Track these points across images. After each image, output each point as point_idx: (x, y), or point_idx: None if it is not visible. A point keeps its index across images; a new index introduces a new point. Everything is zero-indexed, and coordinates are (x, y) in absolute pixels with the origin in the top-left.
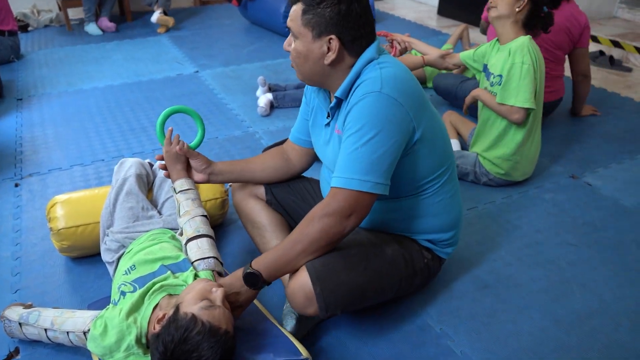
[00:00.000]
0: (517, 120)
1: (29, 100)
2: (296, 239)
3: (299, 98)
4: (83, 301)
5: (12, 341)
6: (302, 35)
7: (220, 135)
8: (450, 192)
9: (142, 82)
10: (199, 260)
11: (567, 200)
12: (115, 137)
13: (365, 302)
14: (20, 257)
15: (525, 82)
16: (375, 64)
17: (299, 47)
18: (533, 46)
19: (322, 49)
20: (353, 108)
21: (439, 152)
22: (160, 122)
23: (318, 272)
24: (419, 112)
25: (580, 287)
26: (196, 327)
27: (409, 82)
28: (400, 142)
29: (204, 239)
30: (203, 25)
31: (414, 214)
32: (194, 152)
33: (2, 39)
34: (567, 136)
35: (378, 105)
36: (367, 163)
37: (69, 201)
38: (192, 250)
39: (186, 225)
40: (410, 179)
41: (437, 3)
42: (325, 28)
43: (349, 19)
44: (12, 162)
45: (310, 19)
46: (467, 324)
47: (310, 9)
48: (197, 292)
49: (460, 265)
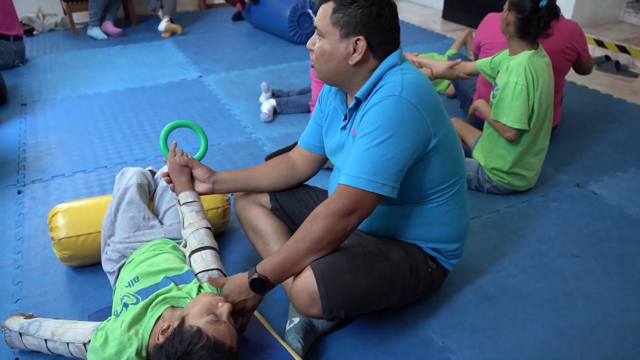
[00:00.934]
0: (509, 138)
1: (33, 105)
2: (301, 237)
3: (302, 104)
4: (84, 311)
5: (12, 352)
6: (330, 34)
7: (223, 141)
8: (459, 204)
9: (146, 87)
10: (202, 272)
11: (572, 209)
12: (118, 143)
13: (368, 307)
14: (22, 265)
15: (517, 102)
16: (398, 69)
17: (324, 45)
18: (532, 63)
19: (348, 49)
20: (371, 109)
21: (452, 163)
22: (163, 136)
23: (323, 273)
24: (436, 121)
25: (584, 300)
26: (201, 341)
27: (428, 90)
28: (415, 147)
29: (208, 250)
30: (207, 29)
31: (422, 221)
32: (197, 163)
33: (8, 44)
34: (572, 144)
35: (396, 109)
36: (377, 164)
37: (70, 210)
38: (196, 262)
39: (190, 237)
40: (421, 186)
41: (442, 7)
42: (354, 28)
43: (379, 22)
44: (15, 169)
45: (340, 18)
46: (470, 337)
47: (342, 8)
48: (203, 305)
49: (464, 275)
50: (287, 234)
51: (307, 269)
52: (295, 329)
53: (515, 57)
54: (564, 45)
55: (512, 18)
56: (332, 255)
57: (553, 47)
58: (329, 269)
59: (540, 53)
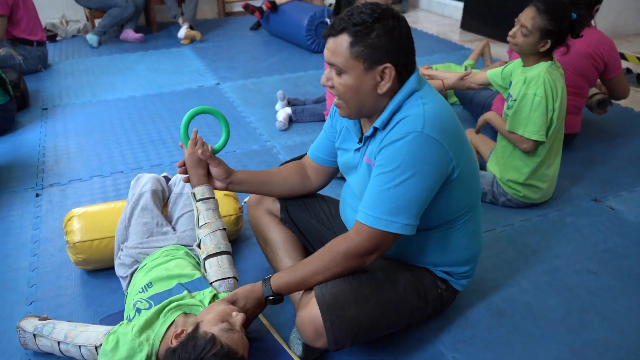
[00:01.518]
0: (526, 150)
1: (53, 110)
2: (317, 270)
3: (318, 113)
4: (96, 315)
5: (25, 353)
6: (352, 69)
7: (238, 149)
8: (473, 227)
9: (164, 94)
10: (219, 281)
11: (589, 224)
12: (135, 148)
13: (375, 335)
14: (37, 268)
15: (536, 114)
16: (418, 97)
17: (348, 81)
18: (550, 75)
19: (375, 80)
20: (391, 145)
21: (469, 190)
22: (185, 122)
23: (328, 305)
24: (459, 150)
25: (599, 318)
26: (214, 348)
27: (450, 119)
28: (435, 184)
29: (224, 256)
30: (226, 37)
31: (435, 248)
32: (216, 159)
33: (31, 49)
34: (590, 157)
35: (417, 147)
36: (398, 204)
37: (85, 215)
38: (212, 267)
39: (206, 238)
40: (438, 215)
41: (460, 17)
42: (380, 58)
43: (403, 44)
44: (34, 172)
45: (362, 51)
46: (481, 353)
47: (360, 40)
48: (217, 313)
49: (476, 290)
50: (296, 245)
51: (312, 300)
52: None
53: (531, 68)
54: (591, 50)
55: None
56: (338, 283)
57: (581, 50)
58: (334, 302)
59: (555, 64)
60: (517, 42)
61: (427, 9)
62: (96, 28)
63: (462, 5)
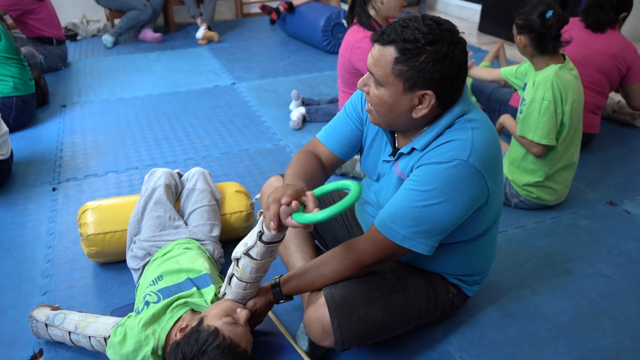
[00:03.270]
0: (536, 154)
1: (72, 107)
2: (326, 273)
3: (332, 112)
4: (107, 307)
5: (37, 342)
6: (390, 85)
7: (251, 147)
8: (491, 241)
9: (180, 93)
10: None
11: (603, 228)
12: (150, 146)
13: (382, 337)
14: (52, 260)
15: (544, 118)
16: (466, 121)
17: (384, 96)
18: (560, 78)
19: (412, 102)
20: (432, 165)
21: (494, 210)
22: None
23: (337, 305)
24: (496, 178)
25: (611, 322)
26: (217, 341)
27: (495, 146)
28: (465, 213)
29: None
30: (242, 38)
31: (451, 259)
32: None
33: (51, 48)
34: (606, 160)
35: (458, 175)
36: (420, 224)
37: (99, 208)
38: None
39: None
40: (460, 234)
41: (478, 20)
42: (422, 83)
43: (451, 73)
44: (51, 167)
45: (406, 71)
46: (489, 353)
47: (407, 59)
48: (222, 308)
49: (486, 291)
50: (308, 240)
51: (321, 299)
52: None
53: (541, 72)
54: (616, 51)
55: (525, 40)
56: (347, 284)
57: (605, 49)
58: (343, 302)
59: (567, 66)
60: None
61: (444, 11)
62: (113, 29)
63: (480, 7)
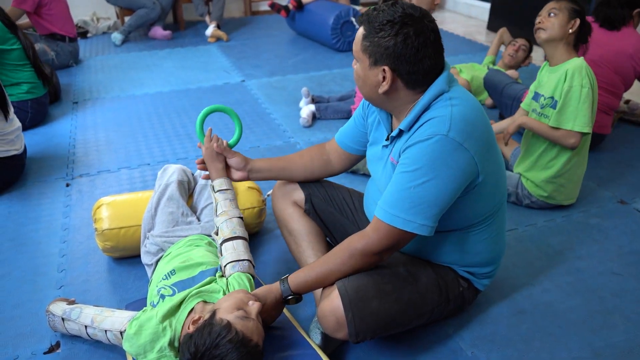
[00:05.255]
0: (573, 144)
1: (84, 104)
2: (335, 267)
3: (342, 110)
4: (122, 301)
5: (54, 335)
6: (361, 60)
7: (261, 144)
8: (497, 230)
9: (190, 90)
10: (234, 262)
11: (614, 227)
12: (162, 142)
13: (396, 329)
14: (67, 254)
15: (584, 106)
16: (446, 98)
17: (358, 70)
18: (588, 69)
19: (377, 77)
20: (415, 145)
21: (494, 195)
22: (200, 120)
23: (351, 298)
24: (485, 156)
25: (623, 320)
26: (229, 335)
27: (479, 123)
28: (457, 188)
29: (240, 240)
30: (251, 35)
31: (457, 248)
32: (232, 151)
33: (63, 45)
34: (617, 159)
35: (441, 150)
36: (417, 204)
37: (113, 204)
38: (227, 250)
39: (223, 225)
40: (462, 217)
41: (487, 18)
42: (380, 58)
43: (405, 52)
44: (65, 163)
45: (368, 46)
46: (501, 350)
47: (370, 35)
48: (234, 301)
49: (497, 288)
50: (320, 237)
51: (335, 293)
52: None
53: (569, 62)
54: (633, 51)
55: (579, 26)
56: (360, 277)
57: (622, 49)
58: (356, 295)
59: None
60: (546, 25)
61: (453, 9)
62: (122, 27)
63: (489, 6)
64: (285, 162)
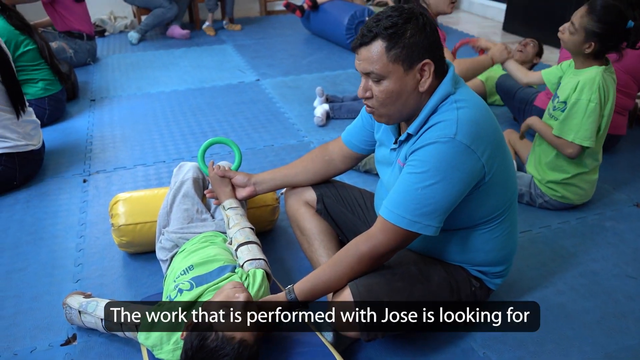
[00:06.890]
0: (571, 154)
1: (101, 101)
2: (343, 272)
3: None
4: (137, 295)
5: (71, 328)
6: (392, 73)
7: (276, 143)
8: (509, 228)
9: (205, 89)
10: (250, 260)
11: (630, 230)
12: (177, 140)
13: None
14: (84, 249)
15: (589, 120)
16: (452, 101)
17: (389, 87)
18: (605, 80)
19: (415, 78)
20: (423, 147)
21: (504, 192)
22: (201, 154)
23: (362, 296)
24: (492, 156)
25: (637, 323)
26: (210, 336)
27: (485, 124)
28: (463, 190)
29: (254, 245)
30: (266, 35)
31: (468, 247)
32: (233, 171)
33: (81, 43)
34: (633, 162)
35: (448, 152)
36: (423, 206)
37: (130, 200)
38: (242, 252)
39: (236, 234)
40: (470, 216)
41: (503, 19)
42: (419, 55)
43: (435, 38)
44: (82, 159)
45: (400, 53)
46: (513, 350)
47: (397, 42)
48: (222, 298)
49: (509, 289)
50: (332, 237)
51: (346, 290)
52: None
53: (583, 71)
54: None
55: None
56: (371, 276)
57: (635, 51)
58: (368, 293)
59: (610, 69)
60: (564, 38)
61: (468, 10)
62: (139, 26)
63: (504, 6)
64: (286, 168)
